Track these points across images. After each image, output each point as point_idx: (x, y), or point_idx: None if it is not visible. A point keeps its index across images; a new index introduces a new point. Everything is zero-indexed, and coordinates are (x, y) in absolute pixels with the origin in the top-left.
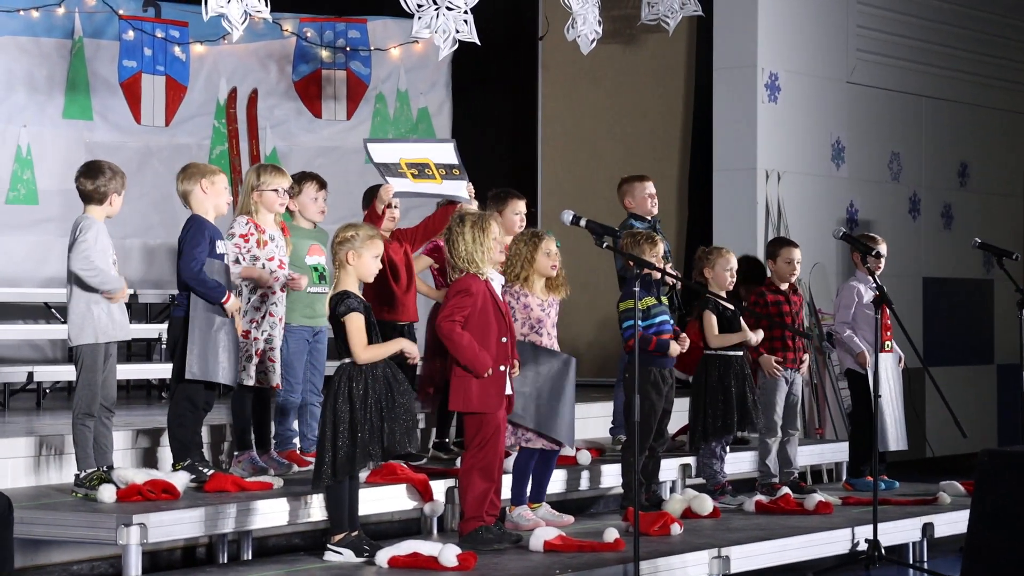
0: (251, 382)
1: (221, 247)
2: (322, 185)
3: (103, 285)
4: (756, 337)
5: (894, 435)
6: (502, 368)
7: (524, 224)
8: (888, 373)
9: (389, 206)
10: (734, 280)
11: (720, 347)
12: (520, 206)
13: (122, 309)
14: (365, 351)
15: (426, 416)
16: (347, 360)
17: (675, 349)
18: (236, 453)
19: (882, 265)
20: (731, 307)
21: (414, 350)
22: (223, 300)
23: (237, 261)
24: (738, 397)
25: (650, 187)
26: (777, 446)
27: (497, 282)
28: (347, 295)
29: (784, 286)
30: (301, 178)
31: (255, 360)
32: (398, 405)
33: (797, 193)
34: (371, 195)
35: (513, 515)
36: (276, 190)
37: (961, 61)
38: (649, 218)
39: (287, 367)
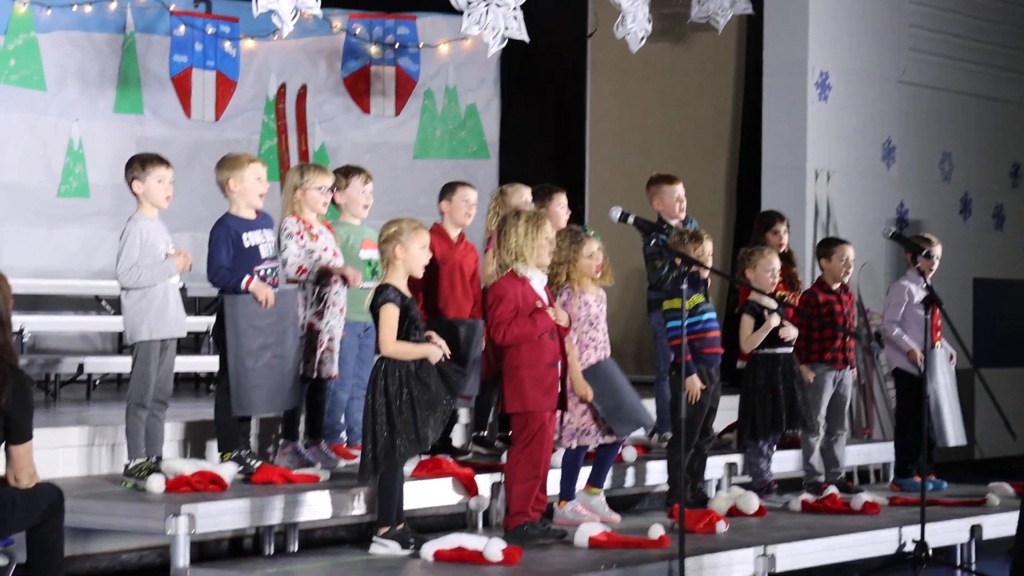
0: (314, 374)
1: (252, 239)
2: (368, 179)
3: (155, 281)
4: (789, 333)
5: (953, 431)
6: (553, 365)
7: (569, 215)
8: (942, 368)
9: None
10: (776, 280)
11: (755, 347)
12: (563, 199)
13: (178, 303)
14: (392, 345)
15: (468, 410)
16: (382, 355)
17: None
18: (281, 443)
19: (935, 266)
20: (772, 305)
21: (436, 355)
22: (244, 285)
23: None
24: (787, 395)
25: (679, 190)
26: (819, 445)
27: (539, 281)
28: (386, 287)
29: (836, 285)
30: (348, 172)
31: (318, 352)
32: (433, 397)
33: (847, 193)
34: (448, 190)
35: (565, 510)
36: (320, 188)
37: (1015, 61)
38: (674, 222)
39: (339, 361)
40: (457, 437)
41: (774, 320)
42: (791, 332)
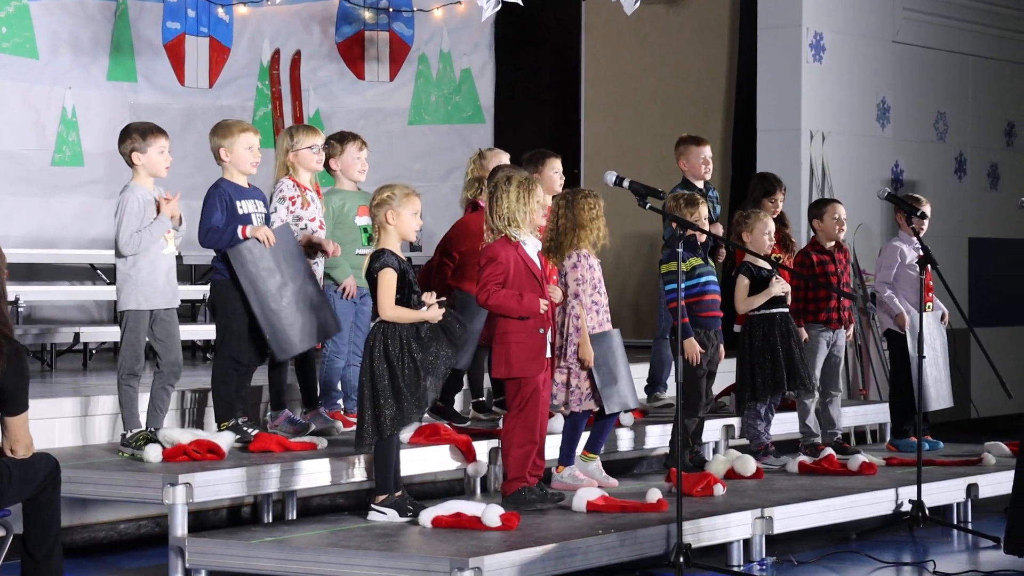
0: None
1: (246, 207)
2: (363, 145)
3: (154, 239)
4: (782, 288)
5: (934, 394)
6: (540, 331)
7: (563, 181)
8: (928, 331)
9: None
10: (772, 243)
11: (750, 310)
12: (557, 164)
13: (169, 274)
14: (391, 309)
15: (466, 377)
16: (380, 319)
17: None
18: (271, 413)
19: (926, 226)
20: (768, 267)
21: (436, 317)
22: (242, 234)
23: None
24: (785, 355)
25: (706, 151)
26: (815, 406)
27: (532, 246)
28: (384, 252)
29: (829, 244)
30: (343, 138)
31: None
32: (435, 358)
33: (842, 154)
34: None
35: (563, 475)
36: (311, 147)
37: (1009, 20)
38: (700, 183)
39: None
40: (457, 403)
41: (775, 289)
42: (784, 286)
